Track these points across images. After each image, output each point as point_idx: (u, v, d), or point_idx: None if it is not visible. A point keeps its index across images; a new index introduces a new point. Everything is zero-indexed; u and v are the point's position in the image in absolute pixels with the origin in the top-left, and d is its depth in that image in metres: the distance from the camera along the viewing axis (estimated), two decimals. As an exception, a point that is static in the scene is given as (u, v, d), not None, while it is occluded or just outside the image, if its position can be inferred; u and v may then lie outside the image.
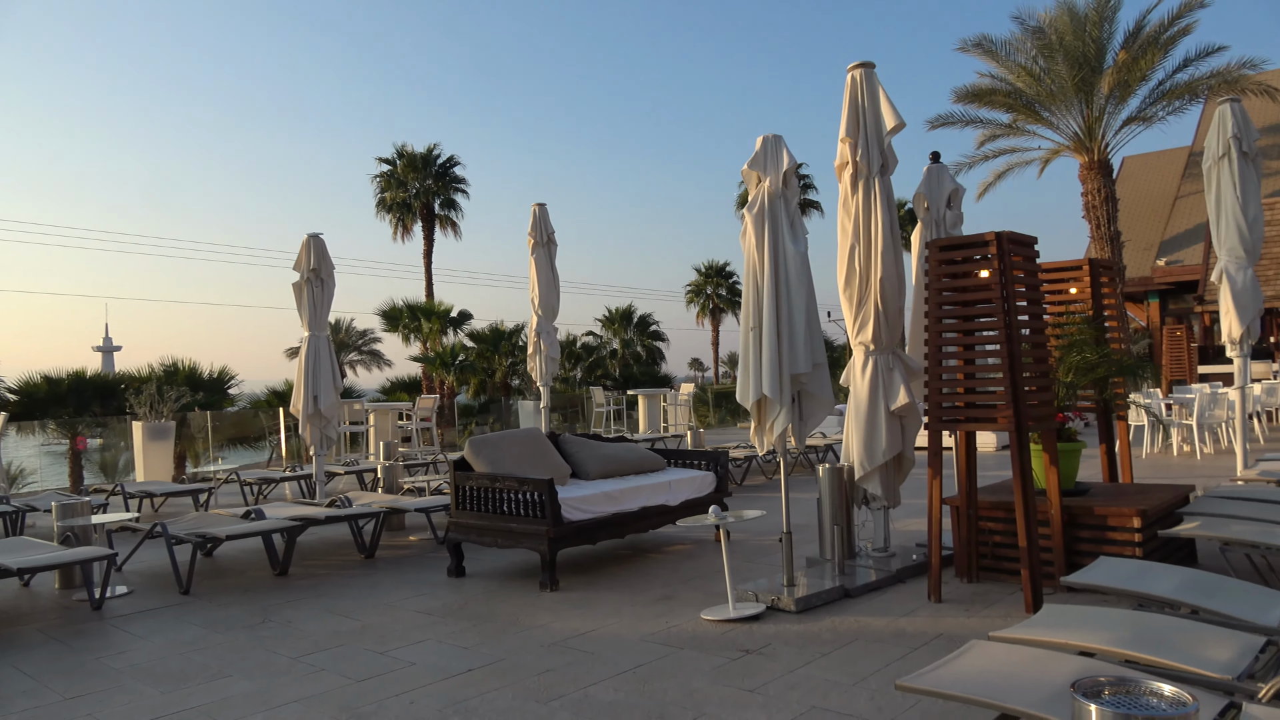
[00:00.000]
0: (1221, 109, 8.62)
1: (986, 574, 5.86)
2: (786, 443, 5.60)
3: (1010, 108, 20.84)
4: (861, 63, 5.93)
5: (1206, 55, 19.51)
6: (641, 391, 18.93)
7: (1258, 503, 5.75)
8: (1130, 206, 23.83)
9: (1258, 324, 8.84)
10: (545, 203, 11.17)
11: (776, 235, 5.41)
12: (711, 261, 45.92)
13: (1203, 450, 12.36)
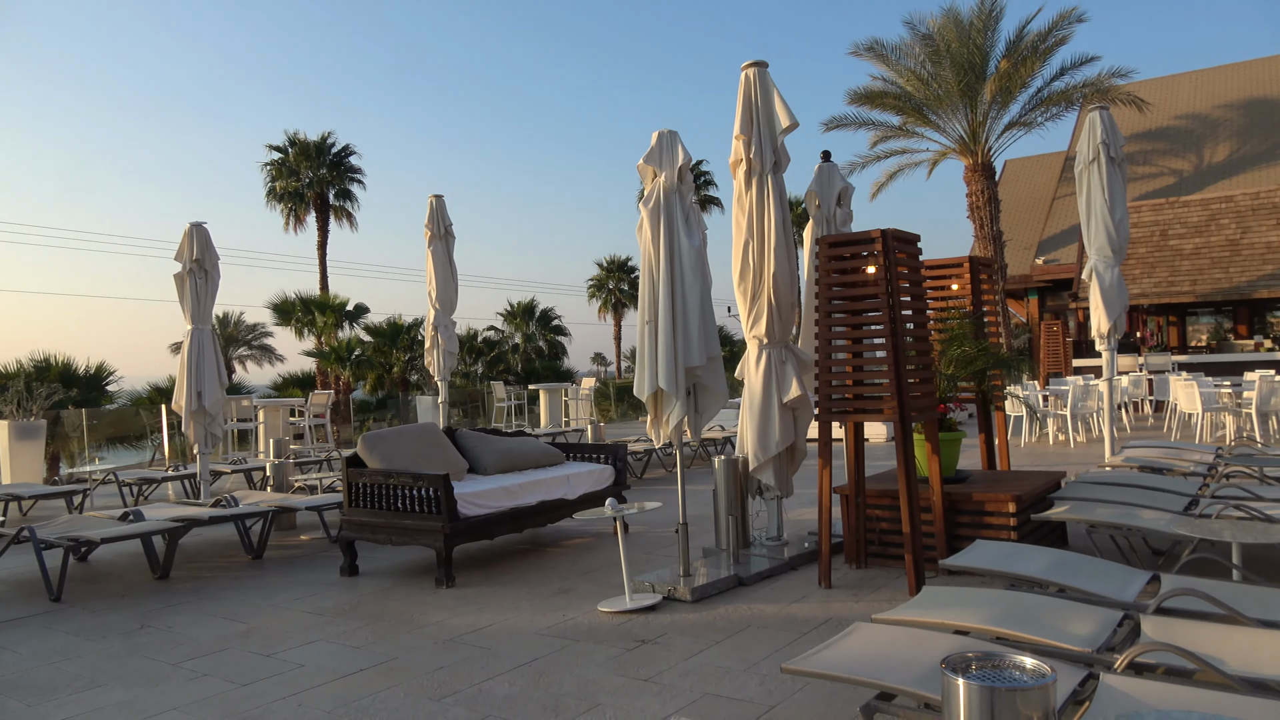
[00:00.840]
0: (1091, 116, 9.13)
1: (874, 559, 6.07)
2: (682, 435, 5.68)
3: (900, 110, 21.55)
4: (755, 62, 6.04)
5: (1081, 65, 20.61)
6: (543, 386, 18.87)
7: (1122, 487, 6.13)
8: (1012, 207, 24.98)
9: (1124, 320, 9.40)
10: (443, 194, 11.01)
11: (672, 230, 5.47)
12: (614, 256, 46.11)
13: (1076, 439, 13.08)
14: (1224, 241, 18.57)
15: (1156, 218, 19.52)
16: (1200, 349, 19.62)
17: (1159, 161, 22.64)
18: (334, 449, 14.26)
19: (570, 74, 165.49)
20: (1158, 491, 6.00)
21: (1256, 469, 6.79)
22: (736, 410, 13.29)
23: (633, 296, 45.03)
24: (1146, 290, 18.57)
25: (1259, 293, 17.53)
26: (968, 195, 21.41)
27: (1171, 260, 18.95)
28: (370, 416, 24.90)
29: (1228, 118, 23.14)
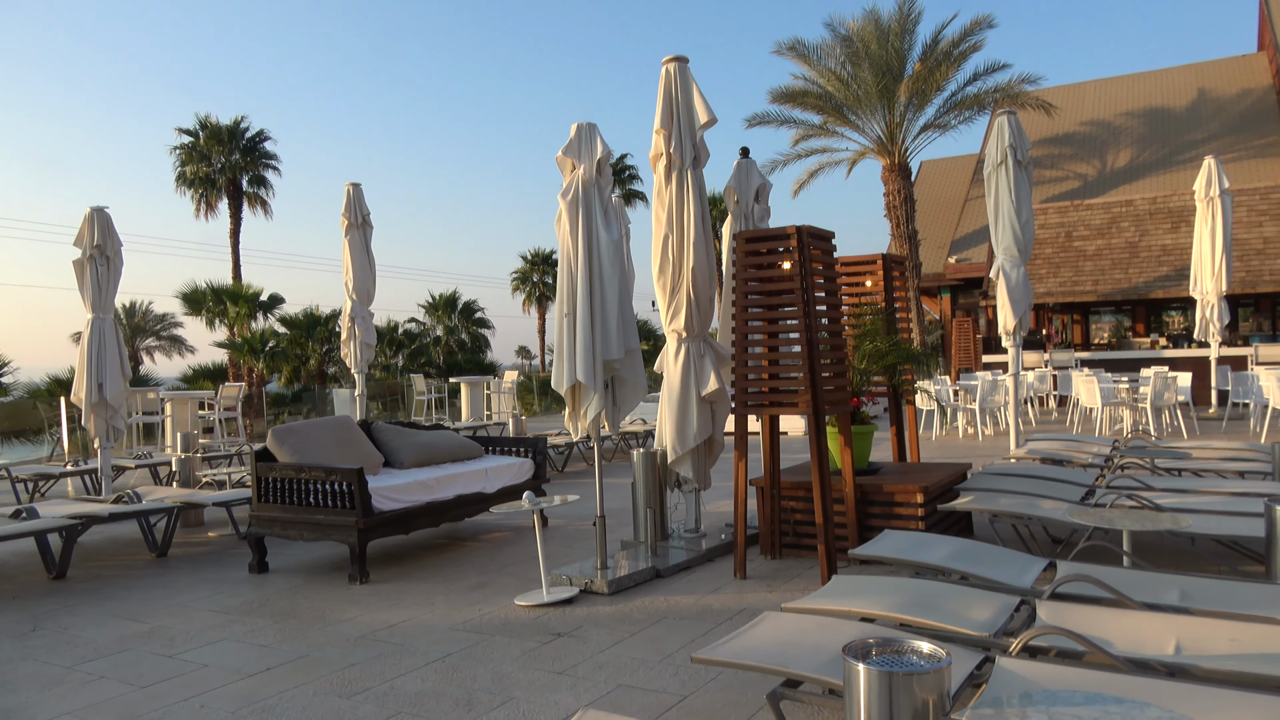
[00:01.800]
0: (1000, 121, 9.44)
1: (789, 550, 6.18)
2: (601, 428, 5.68)
3: (821, 110, 21.91)
4: (675, 57, 6.07)
5: (992, 71, 21.25)
6: (465, 379, 18.64)
7: (1024, 478, 6.37)
8: (927, 207, 25.67)
9: (1029, 317, 9.77)
10: (360, 183, 10.78)
11: (590, 222, 5.47)
12: (538, 249, 45.79)
13: (984, 432, 13.53)
14: (1124, 244, 19.41)
15: (1062, 220, 20.29)
16: (1102, 346, 20.48)
17: (1065, 165, 23.52)
18: (245, 443, 13.85)
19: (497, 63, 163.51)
20: (1057, 482, 6.25)
21: (1148, 460, 7.13)
22: (657, 404, 13.38)
23: (555, 289, 44.83)
24: (1052, 289, 19.29)
25: (1155, 293, 18.39)
26: (885, 194, 21.91)
27: (1076, 261, 19.72)
28: (285, 410, 24.25)
29: (1129, 125, 24.18)
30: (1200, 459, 7.38)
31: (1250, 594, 3.72)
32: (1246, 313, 19.85)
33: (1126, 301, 20.23)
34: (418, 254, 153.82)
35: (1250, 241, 17.51)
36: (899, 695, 2.20)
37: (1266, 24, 24.25)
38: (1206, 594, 3.72)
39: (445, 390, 20.72)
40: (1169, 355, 17.12)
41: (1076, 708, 2.18)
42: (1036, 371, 15.94)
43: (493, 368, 33.65)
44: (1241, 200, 17.75)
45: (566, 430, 12.92)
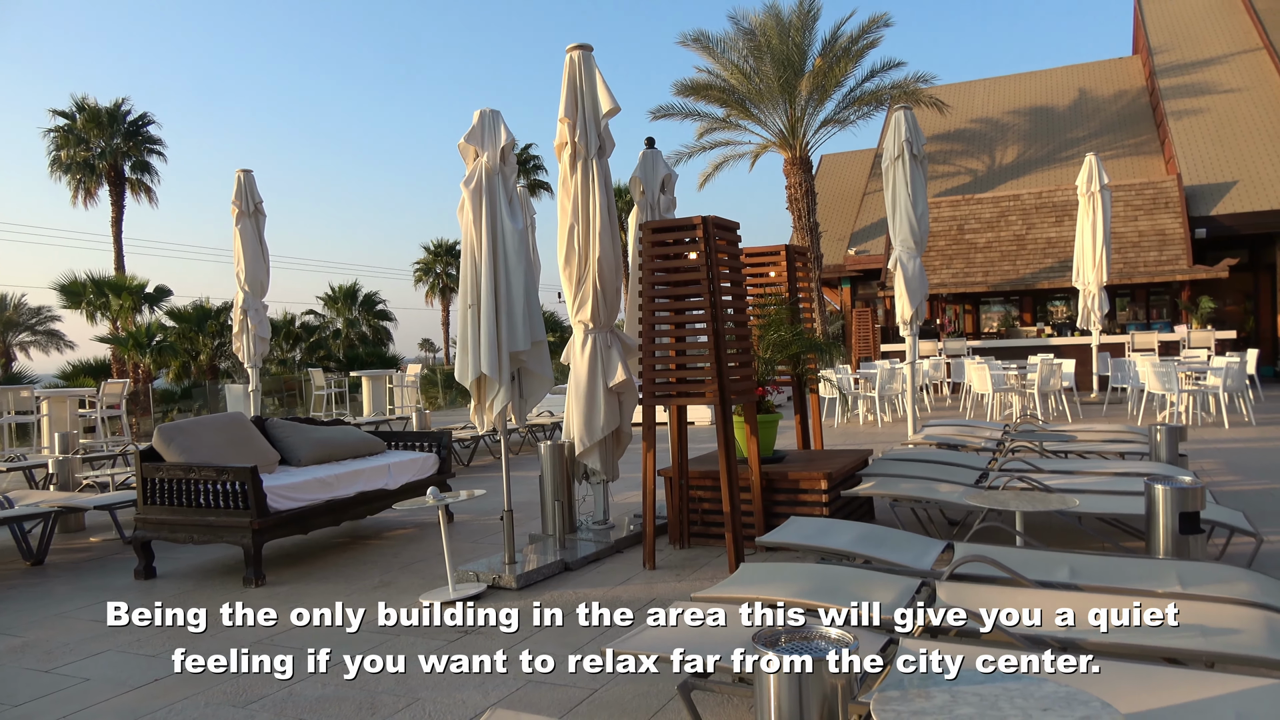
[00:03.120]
0: (896, 116, 9.68)
1: (697, 539, 6.21)
2: (507, 421, 5.59)
3: (725, 103, 22.12)
4: (579, 45, 6.00)
5: (889, 68, 21.83)
6: (366, 373, 18.15)
7: (922, 463, 6.56)
8: (827, 200, 26.24)
9: (924, 307, 10.07)
10: (252, 169, 10.34)
11: (494, 211, 5.36)
12: (441, 240, 44.93)
13: (883, 419, 13.92)
14: (1012, 236, 20.24)
15: (954, 213, 21.02)
16: (992, 335, 21.32)
17: (957, 161, 24.37)
18: (130, 442, 13.17)
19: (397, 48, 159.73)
20: (953, 466, 6.45)
21: (1037, 444, 7.44)
22: (563, 396, 13.31)
23: (461, 281, 44.12)
24: (945, 280, 19.98)
25: (1041, 284, 19.24)
26: (787, 188, 22.27)
27: (967, 253, 20.47)
28: (174, 407, 23.18)
29: (1015, 123, 25.21)
30: (1084, 441, 7.74)
31: (1133, 569, 3.90)
32: (1123, 302, 20.96)
33: (1014, 292, 21.10)
34: (315, 244, 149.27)
35: (1127, 235, 18.48)
36: (808, 681, 2.22)
37: (1140, 29, 25.63)
38: (1093, 570, 3.89)
39: (345, 385, 20.15)
40: (1054, 343, 17.94)
41: (978, 685, 2.23)
42: (931, 360, 16.48)
43: (395, 361, 32.90)
44: (1119, 196, 18.71)
45: (472, 424, 12.74)
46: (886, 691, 2.20)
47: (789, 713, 2.23)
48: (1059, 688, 2.20)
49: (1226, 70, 22.06)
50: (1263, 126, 19.94)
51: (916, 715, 2.07)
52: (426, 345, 55.96)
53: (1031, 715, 2.04)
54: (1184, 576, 3.71)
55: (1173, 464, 6.46)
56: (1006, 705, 2.11)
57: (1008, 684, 2.24)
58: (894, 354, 19.48)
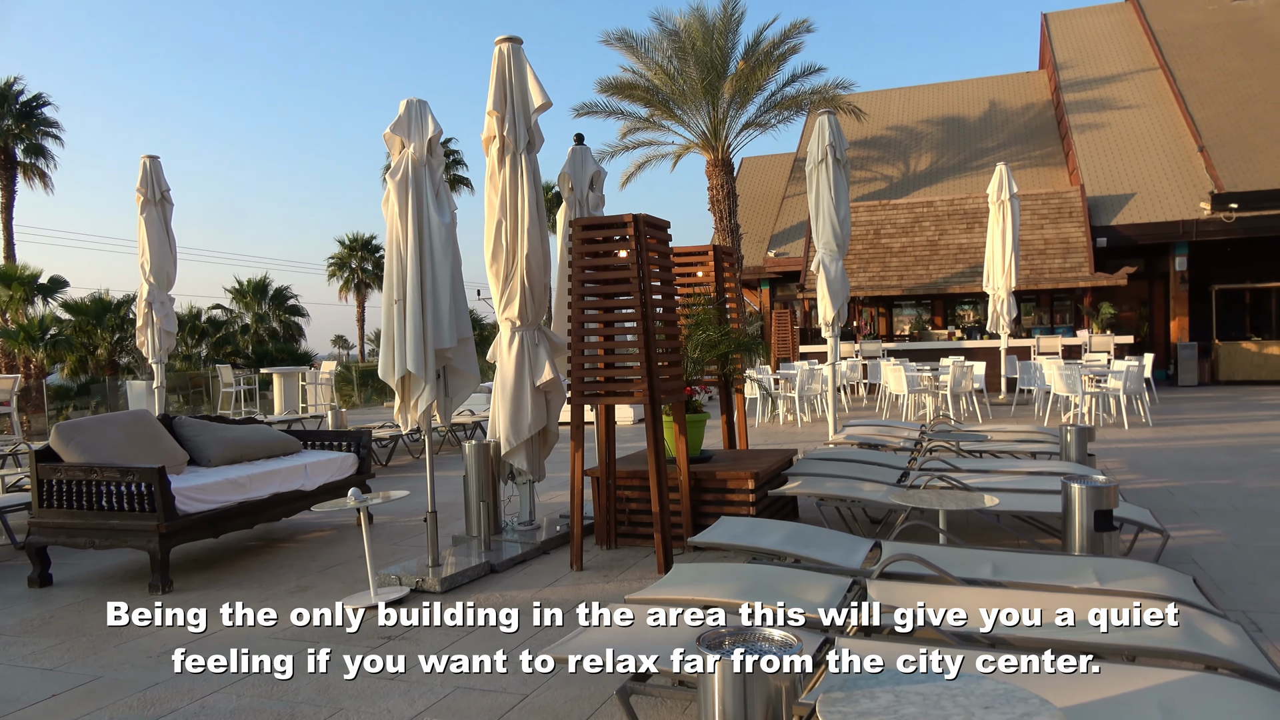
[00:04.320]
0: (820, 120, 9.82)
1: (624, 540, 6.17)
2: (432, 420, 5.45)
3: (648, 103, 22.15)
4: (509, 37, 5.89)
5: (809, 74, 22.19)
6: (277, 370, 17.57)
7: (844, 462, 6.65)
8: (748, 202, 26.54)
9: (845, 309, 10.24)
10: (159, 156, 9.88)
11: (421, 204, 5.22)
12: (357, 234, 43.93)
13: (803, 419, 14.12)
14: (925, 242, 20.80)
15: (871, 218, 21.49)
16: (904, 337, 21.88)
17: (873, 167, 24.94)
18: (22, 442, 12.44)
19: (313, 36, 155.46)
20: (875, 465, 6.57)
21: (954, 444, 7.63)
22: (487, 394, 13.10)
23: (377, 276, 43.19)
24: (862, 283, 20.41)
25: (952, 288, 19.82)
26: (709, 189, 22.44)
27: (883, 257, 20.95)
28: (70, 404, 22.04)
29: (929, 132, 25.94)
30: (997, 441, 7.97)
31: (1053, 565, 4.01)
32: (1029, 307, 21.75)
33: (927, 296, 21.69)
34: (224, 236, 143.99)
35: (1033, 242, 19.18)
36: (752, 684, 2.20)
37: (1046, 45, 26.66)
38: (1015, 567, 3.99)
39: (256, 382, 19.48)
40: (965, 346, 18.50)
41: (920, 685, 2.24)
42: (849, 361, 16.80)
43: (308, 358, 32.01)
44: (1026, 205, 19.41)
45: (390, 423, 12.44)
46: (832, 693, 2.19)
47: (733, 715, 2.21)
48: (998, 685, 2.23)
49: (1126, 88, 23.11)
50: (1159, 142, 20.96)
51: (862, 716, 2.07)
52: (340, 342, 54.63)
53: (974, 713, 2.06)
54: (1101, 572, 3.83)
55: (1082, 463, 6.70)
56: (949, 704, 2.12)
57: (949, 682, 2.26)
58: (812, 355, 19.81)
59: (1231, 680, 2.73)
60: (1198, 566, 5.08)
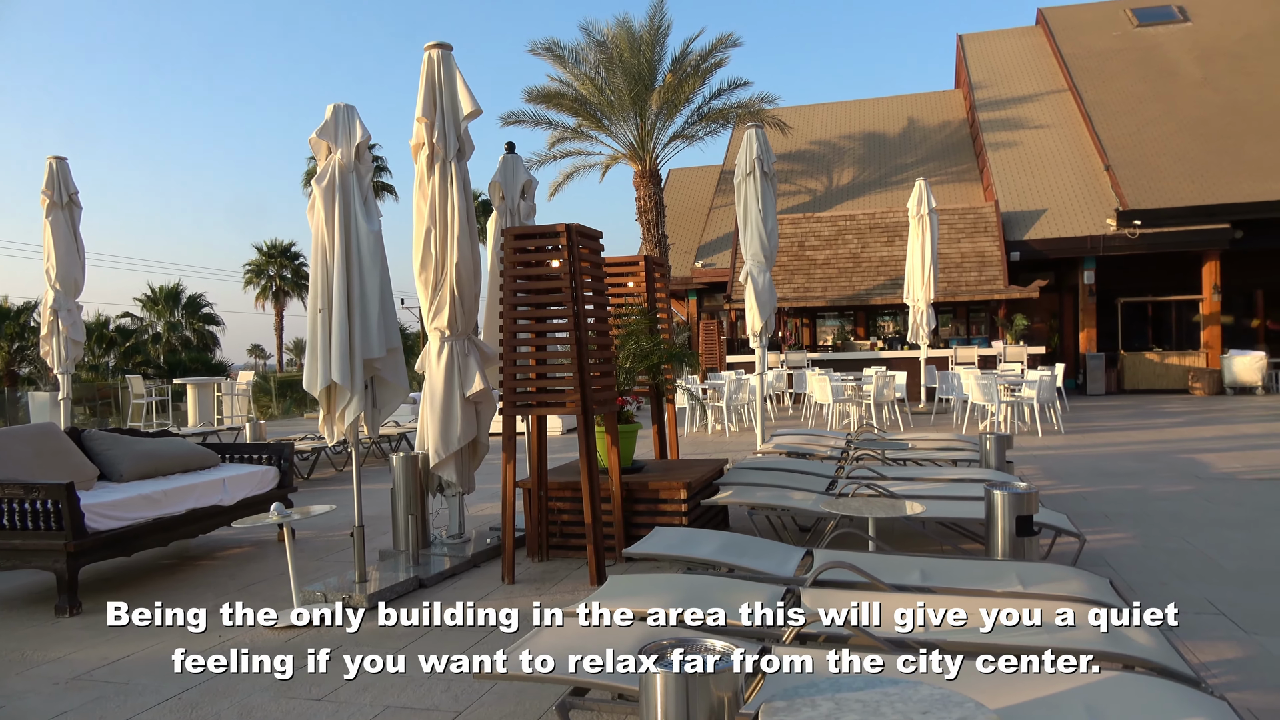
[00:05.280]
0: (748, 133, 9.95)
1: (556, 552, 6.12)
2: (359, 432, 5.33)
3: (576, 113, 22.18)
4: (439, 43, 5.82)
5: (735, 88, 22.53)
6: (191, 380, 16.98)
7: (774, 471, 6.72)
8: (675, 214, 26.74)
9: (773, 320, 10.38)
10: (66, 157, 9.47)
11: (348, 211, 5.10)
12: (275, 240, 42.83)
13: (731, 429, 14.25)
14: (848, 254, 21.26)
15: (795, 230, 21.87)
16: (828, 348, 22.30)
17: (797, 181, 25.39)
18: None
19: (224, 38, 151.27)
20: (804, 474, 6.65)
21: (879, 452, 7.79)
22: (414, 406, 12.87)
23: (296, 284, 42.18)
24: (787, 295, 20.74)
25: (874, 299, 20.29)
26: (637, 200, 22.55)
27: (807, 269, 21.33)
28: (-36, 417, 20.92)
29: (851, 147, 26.56)
30: (920, 449, 8.16)
31: (978, 570, 4.12)
32: (947, 318, 22.39)
33: (850, 307, 22.15)
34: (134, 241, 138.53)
35: (951, 256, 19.77)
36: (695, 695, 2.19)
37: (962, 66, 27.57)
38: (943, 573, 4.08)
39: (168, 393, 18.78)
40: (886, 356, 18.94)
41: (859, 692, 2.26)
42: (774, 371, 17.04)
43: (223, 368, 31.06)
44: (944, 219, 20.00)
45: (312, 434, 12.11)
46: (774, 703, 2.19)
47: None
48: (934, 690, 2.26)
49: (1037, 108, 24.04)
50: (1068, 161, 21.84)
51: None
52: (258, 351, 53.12)
53: (913, 718, 2.09)
54: (1023, 576, 3.95)
55: (1001, 470, 6.90)
56: (888, 710, 2.15)
57: (886, 688, 2.29)
58: (739, 365, 20.03)
59: (1149, 678, 2.83)
60: (1111, 569, 5.27)
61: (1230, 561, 5.42)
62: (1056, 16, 26.89)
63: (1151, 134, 21.09)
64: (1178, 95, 22.34)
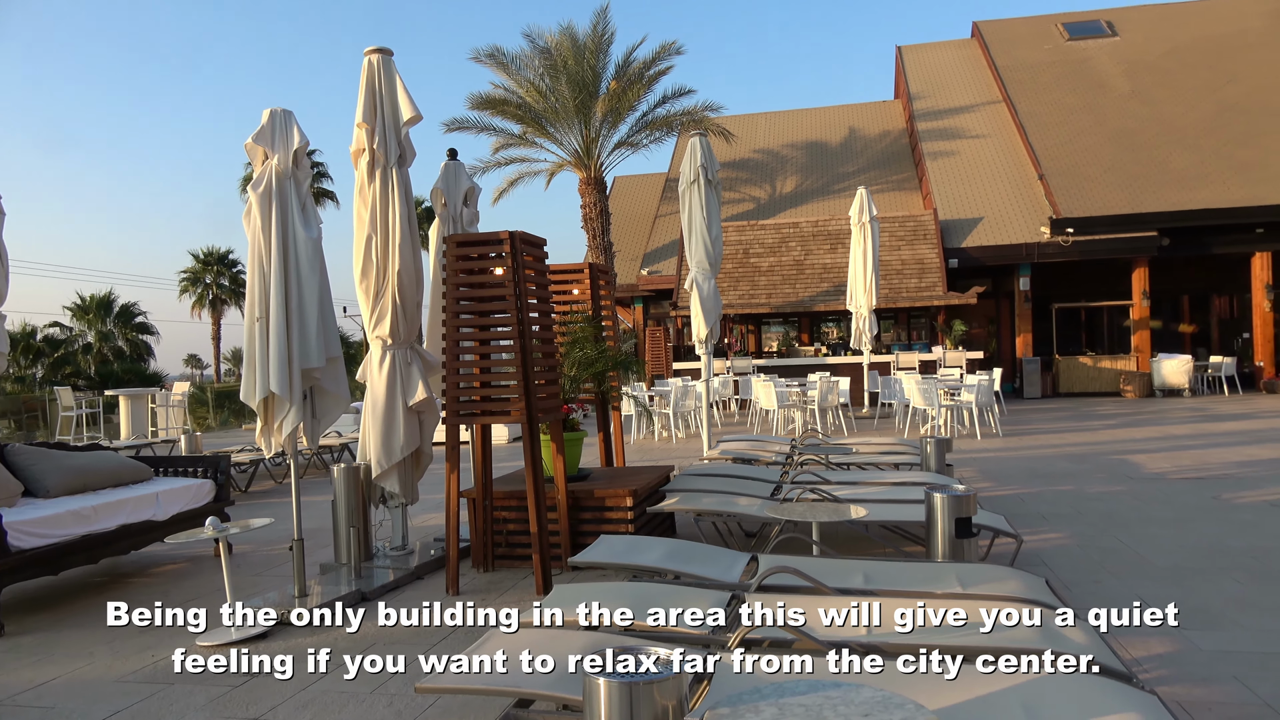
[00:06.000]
0: (693, 142, 10.01)
1: (502, 562, 6.06)
2: (298, 443, 5.22)
3: (521, 120, 22.07)
4: (379, 48, 5.75)
5: (679, 96, 22.64)
6: (124, 392, 16.47)
7: (719, 477, 6.75)
8: (621, 221, 26.78)
9: (718, 327, 10.44)
10: (-11, 162, 9.13)
11: (286, 218, 5.01)
12: (212, 248, 41.86)
13: (678, 435, 14.29)
14: (792, 261, 21.50)
15: (740, 238, 22.05)
16: (773, 354, 22.51)
17: (741, 188, 25.63)
18: None
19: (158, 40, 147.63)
20: (749, 480, 6.69)
21: (823, 457, 7.87)
22: (356, 415, 12.66)
23: (234, 292, 41.27)
24: (733, 301, 20.89)
25: (817, 306, 20.55)
26: (582, 207, 22.52)
27: (752, 276, 21.52)
28: (-121, 432, 20.03)
29: (794, 156, 26.89)
30: (863, 453, 8.28)
31: (919, 572, 4.18)
32: (888, 324, 22.77)
33: (794, 313, 22.41)
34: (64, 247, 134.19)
35: (891, 263, 20.12)
36: (640, 705, 2.18)
37: (901, 76, 28.12)
38: (885, 575, 4.13)
39: (100, 405, 18.21)
40: (830, 362, 19.18)
41: (802, 696, 2.28)
42: (720, 377, 17.14)
43: (157, 379, 30.21)
44: (885, 227, 20.35)
45: (250, 446, 11.85)
46: (717, 709, 2.19)
47: (621, 737, 2.18)
48: (875, 692, 2.29)
49: (974, 118, 24.62)
50: (1003, 170, 22.40)
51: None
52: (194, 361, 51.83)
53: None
54: (963, 578, 4.02)
55: (942, 473, 7.03)
56: (830, 713, 2.16)
57: (829, 692, 2.30)
58: (685, 371, 20.11)
59: (1084, 675, 2.90)
60: (1048, 568, 5.40)
61: (1160, 559, 5.59)
62: (991, 30, 27.60)
63: (1082, 144, 21.73)
64: (1107, 107, 23.07)
